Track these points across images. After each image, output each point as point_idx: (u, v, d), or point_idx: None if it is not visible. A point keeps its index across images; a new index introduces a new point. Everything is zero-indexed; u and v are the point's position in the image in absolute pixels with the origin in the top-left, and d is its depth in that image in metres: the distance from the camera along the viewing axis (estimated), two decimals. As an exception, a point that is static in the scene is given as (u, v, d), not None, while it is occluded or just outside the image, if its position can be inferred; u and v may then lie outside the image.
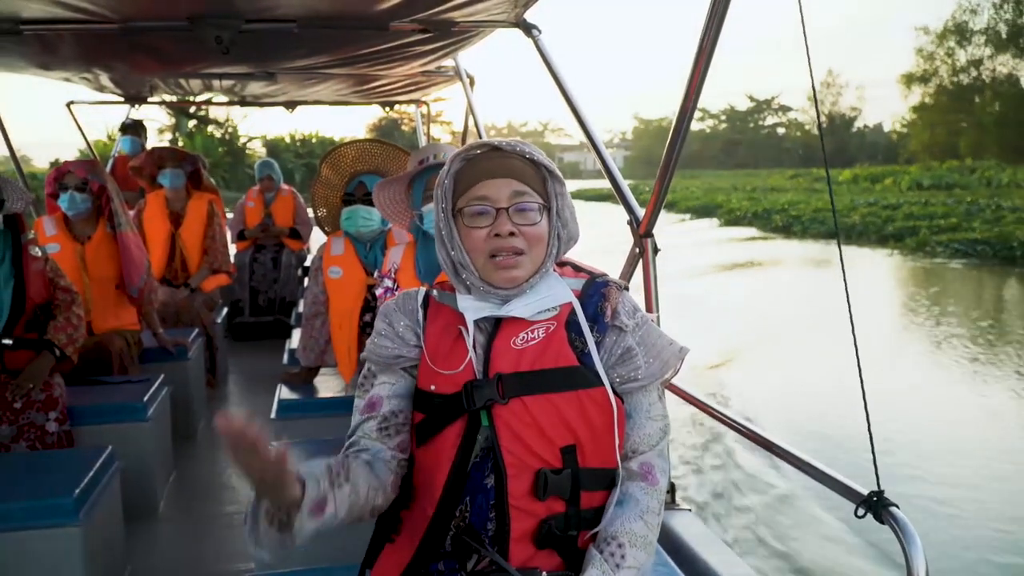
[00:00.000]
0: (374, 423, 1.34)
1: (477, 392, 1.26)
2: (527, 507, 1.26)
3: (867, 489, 1.41)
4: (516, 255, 1.28)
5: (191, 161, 5.08)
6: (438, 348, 1.32)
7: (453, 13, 2.76)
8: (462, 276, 1.32)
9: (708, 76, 1.95)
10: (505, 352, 1.29)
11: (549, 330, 1.30)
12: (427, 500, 1.31)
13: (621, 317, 1.33)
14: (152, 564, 2.78)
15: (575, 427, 1.27)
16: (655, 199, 2.30)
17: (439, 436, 1.29)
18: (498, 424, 1.26)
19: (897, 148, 54.63)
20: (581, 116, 2.63)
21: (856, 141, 66.29)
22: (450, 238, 1.32)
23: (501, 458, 1.25)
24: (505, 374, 1.27)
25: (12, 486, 2.27)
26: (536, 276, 1.31)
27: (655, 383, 1.36)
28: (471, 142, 1.34)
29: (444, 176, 1.33)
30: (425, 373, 1.32)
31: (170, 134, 26.98)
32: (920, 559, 1.26)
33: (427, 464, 1.32)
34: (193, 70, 4.09)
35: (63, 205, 3.58)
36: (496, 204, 1.28)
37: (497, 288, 1.30)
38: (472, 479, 1.28)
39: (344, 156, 3.07)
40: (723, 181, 46.77)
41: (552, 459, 1.26)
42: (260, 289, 6.09)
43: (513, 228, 1.28)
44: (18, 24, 2.71)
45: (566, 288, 1.35)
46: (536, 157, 1.32)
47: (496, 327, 1.31)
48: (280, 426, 2.91)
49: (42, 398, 2.80)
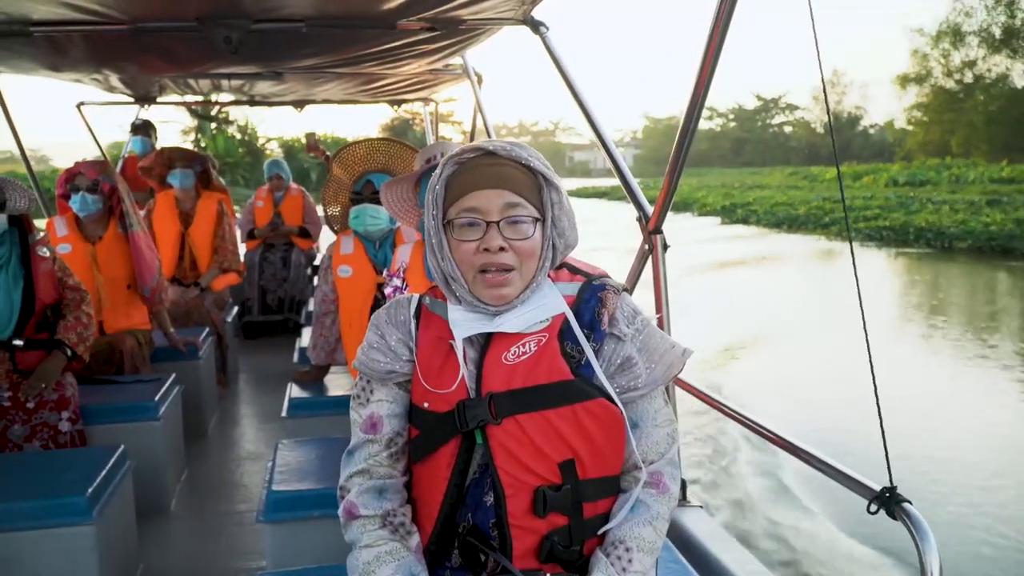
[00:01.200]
0: (380, 447, 1.33)
1: (469, 412, 1.23)
2: (528, 524, 1.25)
3: (879, 485, 1.40)
4: (505, 272, 1.23)
5: (200, 161, 5.10)
6: (430, 364, 1.29)
7: (460, 11, 2.76)
8: (452, 287, 1.28)
9: (716, 74, 1.94)
10: (496, 368, 1.25)
11: (541, 343, 1.25)
12: (427, 516, 1.31)
13: (620, 325, 1.29)
14: (164, 562, 2.79)
15: (572, 442, 1.24)
16: (664, 196, 2.30)
17: (435, 454, 1.28)
18: (493, 444, 1.24)
19: (894, 147, 55.34)
20: (590, 113, 2.62)
21: (860, 139, 66.44)
22: (440, 249, 1.27)
23: (498, 478, 1.24)
24: (497, 393, 1.23)
25: (26, 485, 2.29)
26: (527, 292, 1.26)
27: (658, 388, 1.32)
28: (465, 145, 1.29)
29: (436, 181, 1.28)
30: (418, 389, 1.30)
31: (192, 135, 28.39)
32: (934, 556, 1.25)
33: (424, 480, 1.31)
34: (202, 70, 4.10)
35: (75, 206, 3.60)
36: (487, 217, 1.22)
37: (487, 304, 1.26)
38: (472, 497, 1.27)
39: (353, 155, 3.07)
40: (716, 179, 48.36)
41: (550, 475, 1.24)
42: (269, 288, 6.11)
43: (503, 243, 1.22)
44: (28, 26, 2.72)
45: (559, 297, 1.29)
46: (532, 163, 1.25)
47: (487, 341, 1.27)
48: (291, 425, 2.92)
49: (55, 398, 2.81)
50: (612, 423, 1.26)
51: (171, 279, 4.76)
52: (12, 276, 2.86)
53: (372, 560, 1.26)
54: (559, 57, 2.75)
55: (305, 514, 2.12)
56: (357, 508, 1.31)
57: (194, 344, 3.96)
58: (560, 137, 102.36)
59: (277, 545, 2.14)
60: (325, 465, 2.32)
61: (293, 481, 2.21)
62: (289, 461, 2.35)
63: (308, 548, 2.11)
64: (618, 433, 1.28)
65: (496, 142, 1.27)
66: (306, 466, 2.31)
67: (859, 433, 4.47)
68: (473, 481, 1.27)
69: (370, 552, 1.27)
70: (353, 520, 1.31)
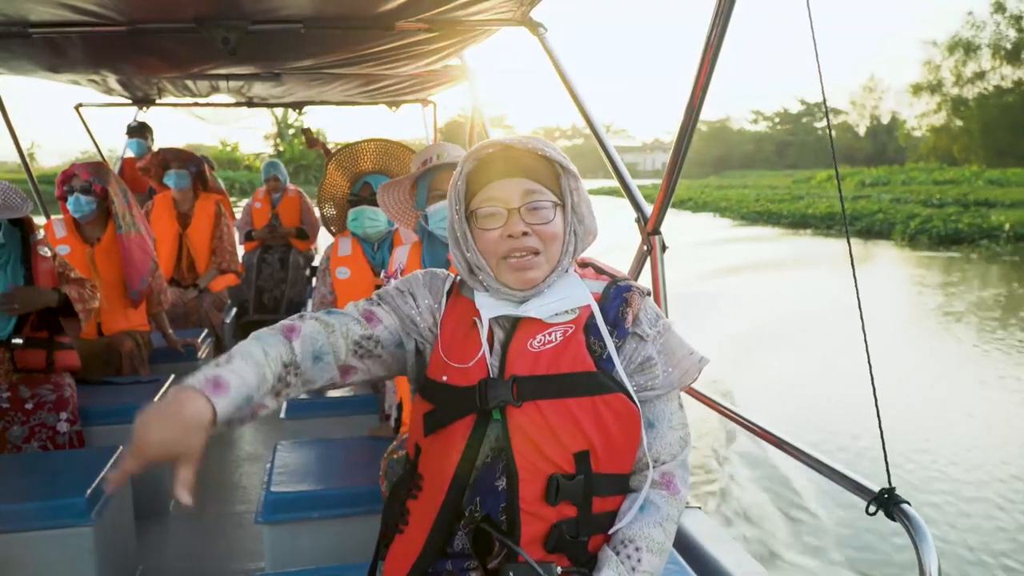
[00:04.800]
0: (358, 327, 1.31)
1: (491, 392, 1.24)
2: (538, 511, 1.25)
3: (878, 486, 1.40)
4: (532, 255, 1.27)
5: (196, 162, 5.09)
6: (453, 338, 1.31)
7: (459, 12, 2.76)
8: (478, 276, 1.31)
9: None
10: (521, 354, 1.27)
11: (567, 333, 1.28)
12: (435, 490, 1.30)
13: (643, 325, 1.31)
14: (163, 563, 2.79)
15: (590, 433, 1.25)
16: (662, 196, 2.30)
17: (448, 428, 1.28)
18: (511, 427, 1.24)
19: (906, 151, 57.34)
20: (588, 115, 2.64)
21: (894, 144, 67.52)
22: (464, 240, 1.31)
23: (513, 461, 1.24)
24: (520, 377, 1.25)
25: (24, 487, 2.29)
26: (553, 275, 1.29)
27: (674, 391, 1.34)
28: (483, 141, 1.32)
29: (457, 178, 1.32)
30: (436, 362, 1.31)
31: (272, 141, 31.82)
32: (932, 556, 1.25)
33: (434, 455, 1.31)
34: (200, 71, 4.09)
35: (70, 207, 3.59)
36: (508, 205, 1.27)
37: (513, 289, 1.29)
38: (484, 480, 1.27)
39: (350, 156, 3.07)
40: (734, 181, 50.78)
41: (565, 464, 1.25)
42: (267, 289, 6.10)
43: (526, 228, 1.26)
44: (26, 27, 2.72)
45: (585, 290, 1.32)
46: (548, 153, 1.29)
47: (514, 327, 1.30)
48: (289, 426, 2.92)
49: (53, 399, 2.81)
50: (629, 419, 1.28)
51: (169, 280, 4.75)
52: (12, 275, 2.86)
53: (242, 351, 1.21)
54: (557, 58, 2.75)
55: (303, 515, 2.12)
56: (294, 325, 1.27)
57: (192, 345, 3.96)
58: (612, 140, 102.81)
59: (275, 546, 2.14)
60: (323, 466, 2.32)
61: (291, 482, 2.21)
62: (287, 462, 2.35)
63: (306, 549, 2.11)
64: (634, 430, 1.29)
65: (513, 137, 1.31)
66: (304, 467, 2.32)
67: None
68: (486, 465, 1.27)
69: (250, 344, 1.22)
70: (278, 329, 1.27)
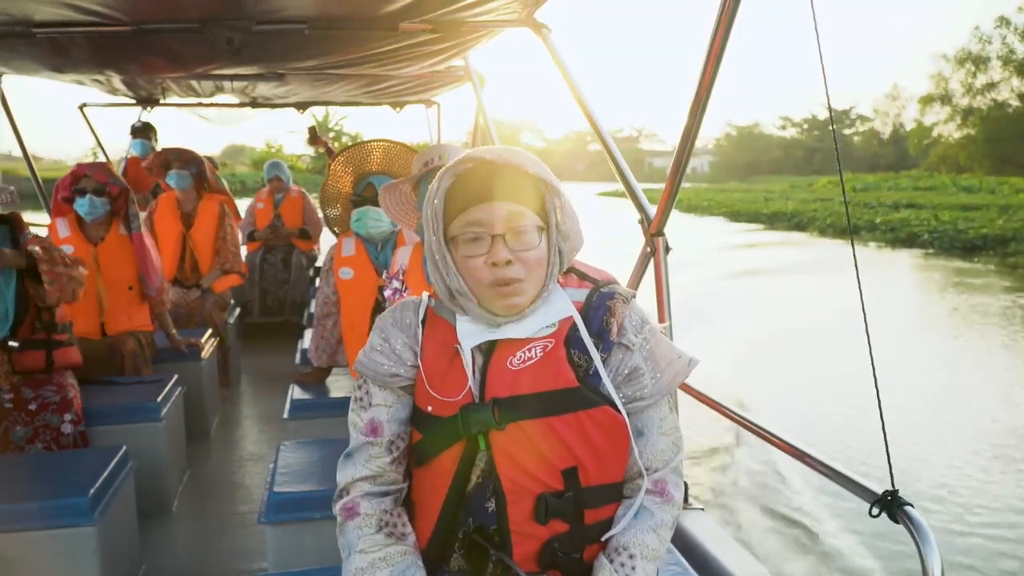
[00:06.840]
0: (382, 451, 1.31)
1: (473, 416, 1.21)
2: (529, 531, 1.24)
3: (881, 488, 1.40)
4: (516, 283, 1.21)
5: (197, 163, 5.09)
6: (435, 369, 1.27)
7: (463, 13, 2.76)
8: (458, 301, 1.25)
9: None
10: (501, 373, 1.23)
11: (547, 348, 1.24)
12: (425, 521, 1.30)
13: (628, 335, 1.27)
14: (166, 563, 2.79)
15: (576, 449, 1.22)
16: (666, 198, 2.30)
17: (437, 459, 1.27)
18: (496, 451, 1.22)
19: (919, 159, 59.23)
20: (593, 116, 2.63)
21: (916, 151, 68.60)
22: (444, 264, 1.24)
23: (500, 484, 1.23)
24: (501, 399, 1.22)
25: (28, 486, 2.29)
26: (539, 300, 1.24)
27: (664, 397, 1.31)
28: (462, 155, 1.25)
29: (434, 195, 1.24)
30: (422, 393, 1.28)
31: None
32: (935, 559, 1.25)
33: (425, 485, 1.30)
34: (204, 72, 4.10)
35: (81, 209, 3.57)
36: (491, 230, 1.19)
37: (497, 316, 1.23)
38: (473, 503, 1.25)
39: (353, 156, 3.07)
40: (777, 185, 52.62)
41: (553, 482, 1.23)
42: (269, 290, 6.11)
43: (510, 256, 1.19)
44: (31, 27, 2.73)
45: (567, 302, 1.27)
46: (530, 169, 1.22)
47: (492, 346, 1.26)
48: (292, 426, 2.92)
49: (57, 400, 2.81)
50: (616, 431, 1.25)
51: (172, 280, 4.75)
52: (3, 276, 2.82)
53: (367, 567, 1.25)
54: (562, 59, 2.75)
55: (307, 515, 2.11)
56: (359, 506, 1.30)
57: (196, 345, 3.97)
58: (643, 144, 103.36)
59: (278, 546, 2.14)
60: (327, 467, 2.32)
61: (295, 482, 2.21)
62: (291, 462, 2.35)
63: (309, 549, 2.11)
64: (622, 441, 1.27)
65: (494, 149, 1.24)
66: (308, 467, 2.32)
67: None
68: (475, 487, 1.25)
69: (364, 558, 1.26)
70: (351, 519, 1.30)
